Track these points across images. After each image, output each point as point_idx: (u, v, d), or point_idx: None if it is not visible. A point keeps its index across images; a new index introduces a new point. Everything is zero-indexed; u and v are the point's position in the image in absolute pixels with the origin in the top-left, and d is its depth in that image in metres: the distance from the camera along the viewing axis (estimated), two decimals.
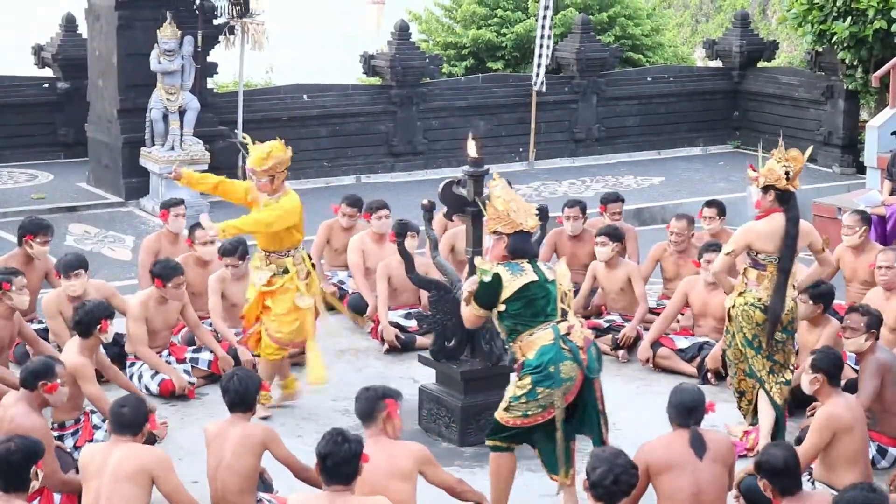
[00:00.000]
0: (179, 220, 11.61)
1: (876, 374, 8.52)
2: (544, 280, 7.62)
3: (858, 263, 11.07)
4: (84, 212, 16.27)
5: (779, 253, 8.69)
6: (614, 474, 6.26)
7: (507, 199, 7.74)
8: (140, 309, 9.97)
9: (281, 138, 9.75)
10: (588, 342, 7.66)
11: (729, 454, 7.32)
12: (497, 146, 18.89)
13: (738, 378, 9.04)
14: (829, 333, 9.47)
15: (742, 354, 8.89)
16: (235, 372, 7.73)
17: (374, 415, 7.10)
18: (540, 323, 7.56)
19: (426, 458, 7.16)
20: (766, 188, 8.71)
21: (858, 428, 7.75)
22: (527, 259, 7.67)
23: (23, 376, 7.67)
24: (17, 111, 18.45)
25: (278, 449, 7.53)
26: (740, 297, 8.85)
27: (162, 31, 15.92)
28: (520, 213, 7.71)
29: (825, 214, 14.72)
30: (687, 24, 33.26)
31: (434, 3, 24.35)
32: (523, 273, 7.58)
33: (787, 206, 8.72)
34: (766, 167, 8.71)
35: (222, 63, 17.37)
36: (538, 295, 7.57)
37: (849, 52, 18.58)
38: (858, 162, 18.87)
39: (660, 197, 17.61)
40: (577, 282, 11.83)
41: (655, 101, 20.81)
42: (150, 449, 7.13)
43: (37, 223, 10.78)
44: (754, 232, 8.79)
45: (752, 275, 8.81)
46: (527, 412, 7.56)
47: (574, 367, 7.51)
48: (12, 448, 6.44)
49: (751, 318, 8.77)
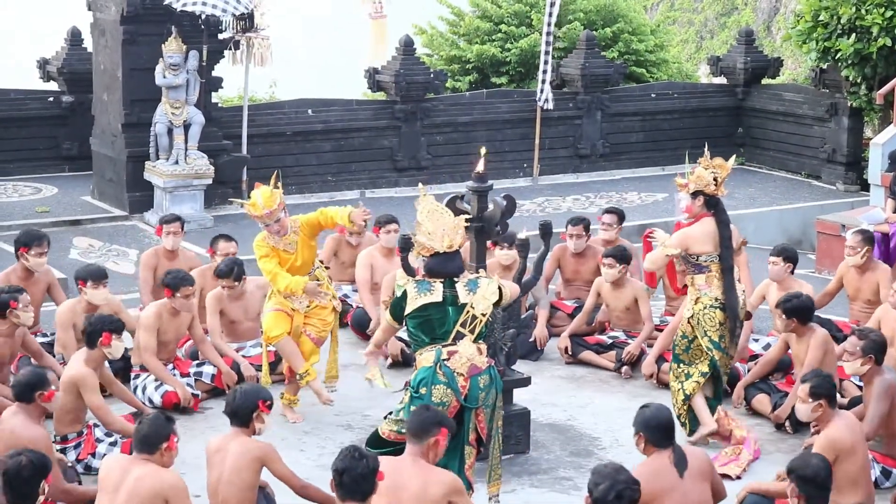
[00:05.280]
0: (171, 237, 11.56)
1: (884, 398, 8.46)
2: (450, 302, 7.75)
3: (862, 282, 11.07)
4: (88, 225, 16.28)
5: (718, 253, 9.19)
6: (617, 490, 6.24)
7: (422, 224, 7.93)
8: (153, 319, 10.00)
9: (285, 153, 9.80)
10: (475, 370, 7.68)
11: (709, 469, 7.23)
12: (501, 162, 18.90)
13: (693, 381, 9.34)
14: (817, 342, 9.45)
15: (703, 355, 9.31)
16: (239, 386, 7.73)
17: (424, 437, 6.96)
18: (429, 344, 7.75)
19: (458, 489, 6.99)
20: (695, 193, 9.28)
21: (860, 449, 7.73)
22: (442, 279, 7.79)
23: (17, 391, 7.67)
24: (22, 125, 18.48)
25: (276, 466, 7.48)
26: (697, 304, 9.29)
27: (167, 45, 15.96)
28: (434, 237, 7.88)
29: (829, 231, 14.74)
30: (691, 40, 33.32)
31: (438, 18, 24.38)
32: (430, 293, 7.78)
33: (715, 209, 9.28)
34: (695, 174, 9.28)
35: (227, 78, 17.39)
36: (434, 316, 7.74)
37: (853, 70, 18.60)
38: (862, 179, 18.87)
39: (663, 213, 17.60)
40: (580, 298, 11.88)
41: (659, 118, 20.82)
42: (167, 473, 7.01)
43: (31, 234, 10.74)
44: (691, 237, 9.30)
45: (700, 279, 9.30)
46: (401, 429, 7.62)
47: (448, 392, 7.61)
48: (24, 462, 6.44)
49: (713, 319, 9.24)
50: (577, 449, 9.45)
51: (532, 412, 9.40)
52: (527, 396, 9.61)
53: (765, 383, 10.17)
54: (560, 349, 11.41)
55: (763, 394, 10.07)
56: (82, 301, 10.15)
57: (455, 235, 7.96)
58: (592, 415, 10.15)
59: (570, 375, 11.11)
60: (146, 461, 6.95)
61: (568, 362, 11.38)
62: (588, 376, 11.08)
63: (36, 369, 7.83)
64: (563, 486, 8.77)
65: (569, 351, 11.37)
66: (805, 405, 7.85)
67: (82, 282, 10.18)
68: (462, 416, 7.69)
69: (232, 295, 10.69)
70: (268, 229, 9.66)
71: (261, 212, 9.57)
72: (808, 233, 17.00)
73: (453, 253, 7.90)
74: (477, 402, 7.70)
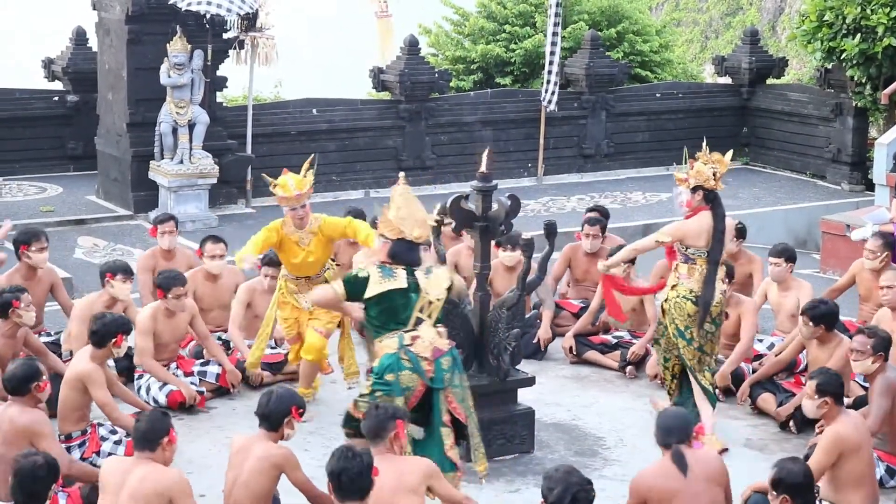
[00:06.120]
0: (167, 237, 11.48)
1: (886, 394, 8.46)
2: (413, 289, 7.89)
3: (875, 284, 11.02)
4: (93, 225, 16.29)
5: (708, 247, 9.33)
6: (571, 493, 6.20)
7: (399, 207, 8.02)
8: (148, 322, 9.96)
9: (289, 153, 9.81)
10: (438, 353, 7.85)
11: (722, 473, 7.20)
12: (506, 161, 18.88)
13: (672, 363, 9.62)
14: (841, 353, 9.39)
15: (673, 344, 9.49)
16: (274, 389, 7.57)
17: (383, 434, 7.06)
18: (390, 330, 7.87)
19: (433, 472, 7.11)
20: (695, 188, 9.38)
21: (865, 447, 7.72)
22: (404, 266, 7.90)
23: (12, 385, 7.72)
24: (27, 124, 18.51)
25: (295, 474, 7.40)
26: (673, 290, 9.45)
27: (172, 45, 15.96)
28: (406, 222, 7.97)
29: (833, 231, 14.72)
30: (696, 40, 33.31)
31: (443, 18, 24.39)
32: (393, 279, 7.87)
33: (713, 204, 9.39)
34: (695, 169, 9.42)
35: (231, 77, 17.40)
36: (398, 303, 7.87)
37: (858, 70, 18.59)
38: (867, 179, 18.86)
39: (668, 213, 17.58)
40: (587, 298, 11.85)
41: (664, 118, 20.82)
42: (170, 471, 7.00)
43: (29, 232, 10.70)
44: (687, 230, 9.41)
45: (683, 269, 9.44)
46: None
47: (414, 377, 7.78)
48: (38, 462, 6.45)
49: (682, 310, 9.39)
50: (581, 448, 9.44)
51: (536, 412, 9.39)
52: (531, 396, 9.60)
53: (771, 382, 10.16)
54: (565, 349, 11.41)
55: (768, 393, 10.06)
56: (104, 295, 10.13)
57: (425, 229, 8.11)
58: (597, 414, 10.14)
59: (574, 375, 11.10)
60: (148, 460, 6.95)
61: (572, 362, 11.37)
62: (592, 376, 11.07)
63: (27, 361, 7.86)
64: None
65: (573, 350, 11.36)
66: (811, 402, 7.85)
67: (111, 275, 10.13)
68: (430, 399, 7.82)
69: (270, 287, 10.62)
70: (292, 214, 9.65)
71: (291, 193, 9.58)
72: (813, 232, 17.00)
73: (412, 243, 7.99)
74: (443, 384, 7.85)
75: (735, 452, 9.24)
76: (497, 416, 9.05)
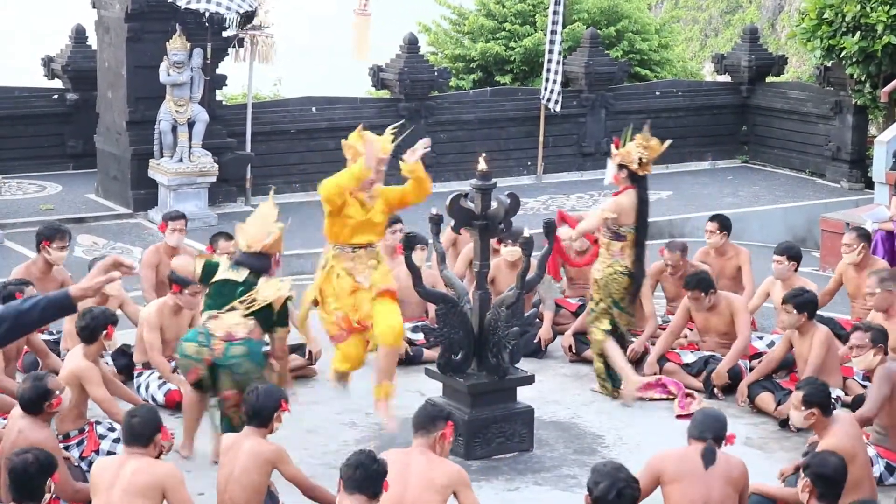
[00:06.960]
0: (176, 234, 11.51)
1: (885, 382, 8.45)
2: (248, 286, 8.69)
3: (861, 280, 11.04)
4: (92, 223, 16.30)
5: (636, 225, 9.86)
6: (617, 489, 6.24)
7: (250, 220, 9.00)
8: (156, 317, 9.97)
9: (289, 151, 9.78)
10: (231, 337, 8.55)
11: (742, 478, 7.24)
12: (505, 160, 18.90)
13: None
14: (819, 339, 9.55)
15: (608, 314, 10.08)
16: (258, 386, 7.70)
17: (431, 429, 7.15)
18: (210, 309, 8.74)
19: (463, 480, 7.11)
20: (620, 166, 9.87)
21: (861, 451, 7.70)
22: (245, 267, 8.79)
23: (24, 404, 7.59)
24: (27, 122, 18.51)
25: (287, 468, 7.48)
26: (608, 267, 10.01)
27: (171, 43, 15.97)
28: (244, 235, 8.90)
29: (833, 229, 14.71)
30: (696, 38, 33.30)
31: (442, 17, 24.39)
32: (235, 272, 8.77)
33: (638, 186, 9.88)
34: (625, 148, 9.89)
35: (231, 75, 17.40)
36: (223, 291, 8.72)
37: (857, 68, 18.59)
38: (866, 177, 18.86)
39: (668, 211, 17.60)
40: (586, 296, 11.82)
41: (664, 116, 20.79)
42: (162, 464, 7.06)
43: (53, 228, 10.86)
44: (622, 205, 9.89)
45: (616, 247, 9.96)
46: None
47: (199, 349, 8.58)
48: (30, 460, 6.45)
49: (619, 284, 9.99)
50: (581, 447, 9.44)
51: (536, 410, 9.40)
52: (531, 394, 9.61)
53: (769, 381, 10.17)
54: (564, 347, 11.41)
55: (767, 392, 10.07)
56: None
57: (255, 242, 8.81)
58: (596, 413, 10.14)
59: (574, 373, 11.10)
60: (140, 456, 6.98)
61: (572, 360, 11.37)
62: (592, 374, 11.06)
63: (35, 383, 7.69)
64: (567, 483, 8.76)
65: (573, 349, 11.36)
66: (798, 413, 7.85)
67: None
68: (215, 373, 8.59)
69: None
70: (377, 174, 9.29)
71: (388, 152, 9.39)
72: (813, 230, 17.00)
73: (258, 254, 8.79)
74: (225, 363, 8.49)
75: (735, 451, 9.22)
76: (496, 415, 9.06)
